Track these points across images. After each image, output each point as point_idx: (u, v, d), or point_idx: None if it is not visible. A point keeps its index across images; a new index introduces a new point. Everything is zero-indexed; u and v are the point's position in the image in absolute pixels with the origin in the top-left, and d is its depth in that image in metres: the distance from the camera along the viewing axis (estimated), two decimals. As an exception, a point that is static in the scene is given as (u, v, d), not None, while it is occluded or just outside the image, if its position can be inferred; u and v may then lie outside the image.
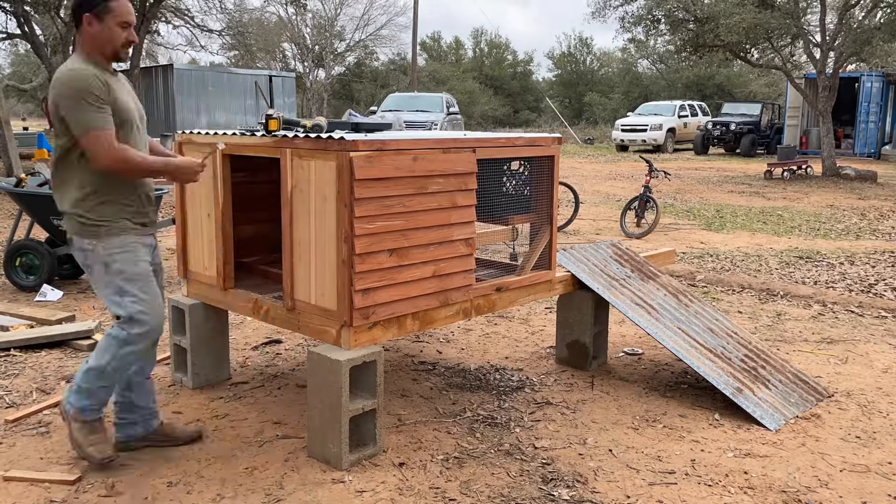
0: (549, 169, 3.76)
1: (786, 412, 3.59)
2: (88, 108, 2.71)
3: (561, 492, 2.85)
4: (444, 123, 19.87)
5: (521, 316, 5.40)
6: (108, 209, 2.86)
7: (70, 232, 2.90)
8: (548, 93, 46.98)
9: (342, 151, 2.86)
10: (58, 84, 2.74)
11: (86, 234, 2.85)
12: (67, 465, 3.01)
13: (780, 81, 33.13)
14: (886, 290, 6.18)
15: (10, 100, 30.31)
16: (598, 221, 10.29)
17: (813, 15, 18.26)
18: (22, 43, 18.46)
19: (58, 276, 6.04)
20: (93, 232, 2.85)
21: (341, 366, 2.88)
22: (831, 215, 11.14)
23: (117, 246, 2.87)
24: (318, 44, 39.97)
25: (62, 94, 2.72)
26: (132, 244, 2.90)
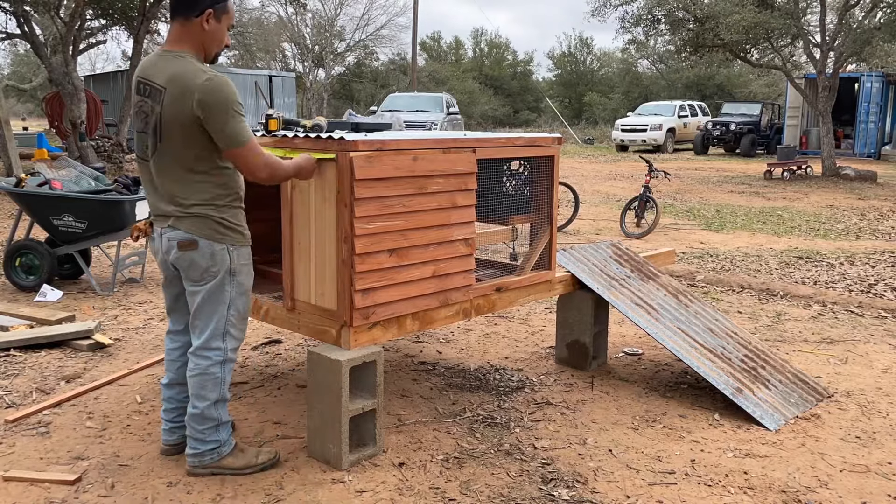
0: (548, 169, 3.76)
1: (786, 412, 3.60)
2: (239, 119, 2.62)
3: (561, 492, 2.85)
4: (443, 123, 19.87)
5: (521, 316, 5.40)
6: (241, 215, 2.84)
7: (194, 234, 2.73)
8: (548, 93, 46.97)
9: (342, 151, 2.86)
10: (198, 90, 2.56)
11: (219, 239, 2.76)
12: (67, 465, 3.01)
13: (780, 81, 33.13)
14: (886, 291, 6.18)
15: (9, 100, 30.30)
16: (598, 221, 10.29)
17: (813, 15, 18.27)
18: (22, 43, 18.46)
19: (58, 276, 6.04)
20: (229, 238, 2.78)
21: (341, 366, 2.88)
22: (831, 215, 11.14)
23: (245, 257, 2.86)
24: (318, 44, 39.97)
25: (209, 103, 2.57)
26: None
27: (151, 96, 2.68)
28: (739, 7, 16.02)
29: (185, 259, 2.76)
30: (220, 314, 2.81)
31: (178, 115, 2.61)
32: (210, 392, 2.84)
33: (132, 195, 5.91)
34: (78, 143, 14.32)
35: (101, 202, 5.71)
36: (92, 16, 16.68)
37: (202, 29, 2.69)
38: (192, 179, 2.72)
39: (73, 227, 5.74)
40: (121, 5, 15.86)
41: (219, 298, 2.80)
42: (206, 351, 2.83)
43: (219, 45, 2.77)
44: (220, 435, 2.91)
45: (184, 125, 2.62)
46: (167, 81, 2.63)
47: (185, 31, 2.69)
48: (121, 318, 5.20)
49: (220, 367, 2.85)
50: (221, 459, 2.91)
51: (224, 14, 2.74)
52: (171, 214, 2.77)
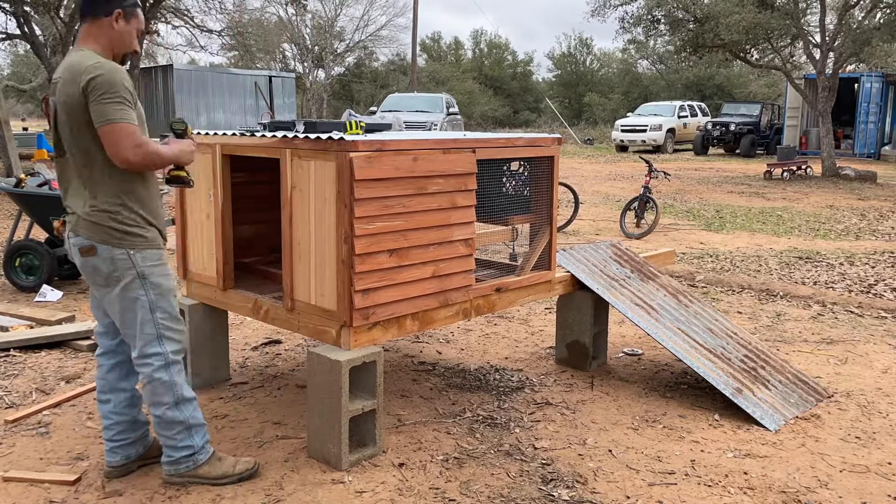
0: (548, 169, 3.76)
1: (785, 412, 3.60)
2: (117, 100, 2.54)
3: (561, 492, 2.85)
4: (443, 124, 19.87)
5: (521, 316, 5.40)
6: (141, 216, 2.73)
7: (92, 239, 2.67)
8: (548, 93, 46.98)
9: (342, 152, 2.86)
10: (85, 72, 2.53)
11: (116, 243, 2.68)
12: (67, 466, 3.01)
13: (779, 82, 33.15)
14: (886, 291, 6.18)
15: (9, 100, 30.30)
16: (598, 222, 10.29)
17: (813, 15, 18.28)
18: (21, 43, 18.45)
19: (57, 277, 6.04)
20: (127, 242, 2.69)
21: (341, 366, 2.88)
22: (831, 216, 11.14)
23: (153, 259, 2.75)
24: (317, 44, 39.98)
25: (93, 84, 2.52)
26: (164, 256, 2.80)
27: (52, 91, 2.67)
28: (739, 7, 16.02)
29: (88, 265, 2.69)
30: (145, 319, 2.72)
31: (68, 102, 2.57)
32: (163, 396, 2.76)
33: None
34: (78, 144, 14.30)
35: (101, 202, 5.70)
36: (92, 16, 16.66)
37: (111, 28, 2.68)
38: (90, 177, 2.65)
39: (73, 228, 5.73)
40: (120, 5, 15.84)
41: (138, 304, 2.71)
42: (146, 359, 2.74)
43: (126, 47, 2.74)
44: (194, 440, 2.82)
45: (73, 112, 2.57)
46: (62, 71, 2.62)
47: (94, 29, 2.68)
48: (121, 318, 5.20)
49: (164, 371, 2.75)
50: (197, 468, 2.83)
51: (133, 17, 2.72)
52: (74, 215, 2.72)
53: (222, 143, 3.40)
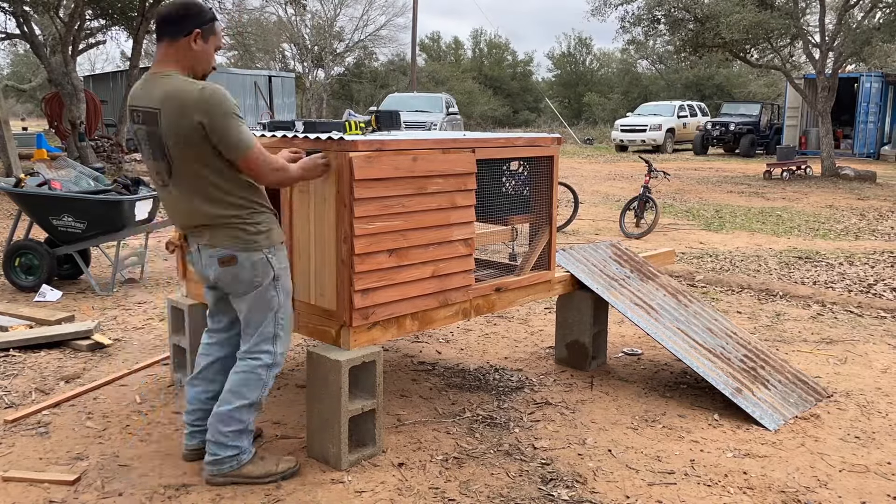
0: (548, 169, 3.76)
1: (785, 412, 3.60)
2: (240, 123, 2.58)
3: (560, 492, 2.85)
4: (443, 124, 19.88)
5: (521, 316, 5.41)
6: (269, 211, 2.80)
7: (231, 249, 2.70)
8: (547, 93, 46.98)
9: (341, 152, 2.86)
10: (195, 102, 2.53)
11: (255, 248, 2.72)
12: (67, 465, 3.01)
13: (779, 82, 33.15)
14: (885, 291, 6.18)
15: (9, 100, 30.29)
16: (598, 221, 10.29)
17: (812, 15, 18.29)
18: (21, 43, 18.45)
19: (57, 277, 6.04)
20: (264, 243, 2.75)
21: (341, 366, 2.88)
22: (830, 215, 11.14)
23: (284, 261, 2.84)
24: (317, 44, 39.98)
25: (208, 112, 2.53)
26: None
27: (146, 121, 2.62)
28: (739, 7, 16.03)
29: (228, 274, 2.74)
30: (269, 319, 2.81)
31: (179, 132, 2.55)
32: (250, 392, 2.80)
33: (131, 195, 5.91)
34: (77, 144, 14.32)
35: (101, 202, 5.71)
36: (91, 16, 16.69)
37: (190, 49, 2.64)
38: (215, 195, 2.65)
39: (73, 228, 5.74)
40: (120, 5, 15.87)
41: (268, 306, 2.80)
42: (256, 353, 2.82)
43: (207, 66, 2.71)
44: (242, 441, 2.85)
45: (188, 141, 2.56)
46: (161, 102, 2.56)
47: (173, 51, 2.64)
48: (120, 318, 5.20)
49: (266, 369, 2.83)
50: (241, 467, 2.84)
51: (212, 35, 2.69)
52: (203, 229, 2.72)
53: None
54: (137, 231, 6.03)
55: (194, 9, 2.65)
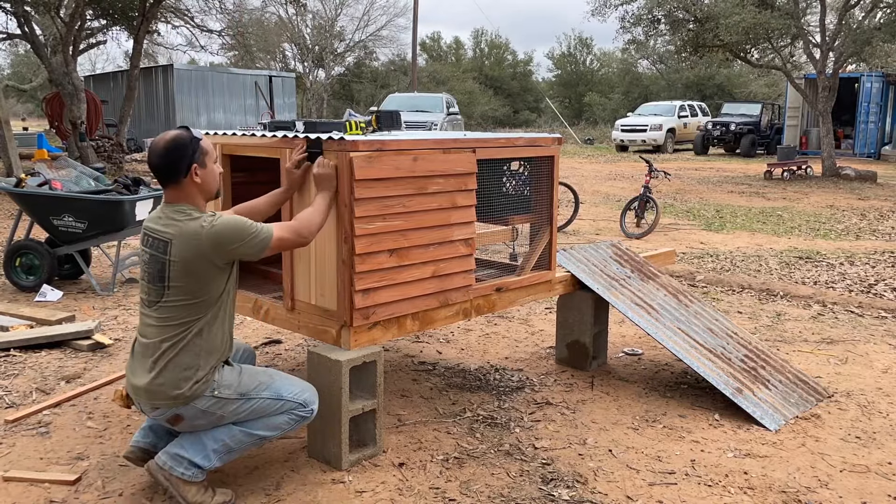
0: (548, 169, 3.76)
1: (786, 412, 3.60)
2: (255, 230, 2.63)
3: (561, 492, 2.85)
4: (444, 124, 19.88)
5: (521, 316, 5.40)
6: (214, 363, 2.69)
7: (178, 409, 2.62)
8: (548, 93, 46.98)
9: (342, 152, 2.86)
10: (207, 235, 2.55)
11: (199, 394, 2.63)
12: (67, 465, 3.01)
13: (780, 81, 33.14)
14: (886, 291, 6.18)
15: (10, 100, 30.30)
16: (598, 221, 10.29)
17: (813, 15, 18.28)
18: (22, 43, 18.46)
19: (58, 277, 6.04)
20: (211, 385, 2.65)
21: (341, 366, 2.88)
22: (831, 215, 11.14)
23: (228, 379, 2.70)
24: (317, 44, 39.98)
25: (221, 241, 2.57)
26: None
27: (155, 246, 2.62)
28: (739, 7, 16.02)
29: (184, 427, 2.68)
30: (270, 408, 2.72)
31: (188, 264, 2.56)
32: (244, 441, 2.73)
33: (132, 195, 5.91)
34: (78, 144, 14.32)
35: (101, 202, 5.71)
36: (92, 16, 16.69)
37: (195, 184, 2.65)
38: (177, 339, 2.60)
39: (73, 228, 5.74)
40: (121, 5, 15.87)
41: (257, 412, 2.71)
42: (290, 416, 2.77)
43: (215, 185, 2.71)
44: (212, 461, 2.69)
45: (194, 270, 2.57)
46: (173, 236, 2.58)
47: (182, 192, 2.65)
48: (121, 318, 5.20)
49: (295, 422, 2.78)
50: (186, 482, 2.65)
51: (204, 155, 2.66)
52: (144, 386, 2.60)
53: (223, 143, 3.40)
54: (138, 231, 6.03)
55: (178, 149, 2.61)
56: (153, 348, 2.62)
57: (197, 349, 2.62)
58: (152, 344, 2.63)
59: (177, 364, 2.60)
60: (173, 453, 2.68)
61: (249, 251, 2.64)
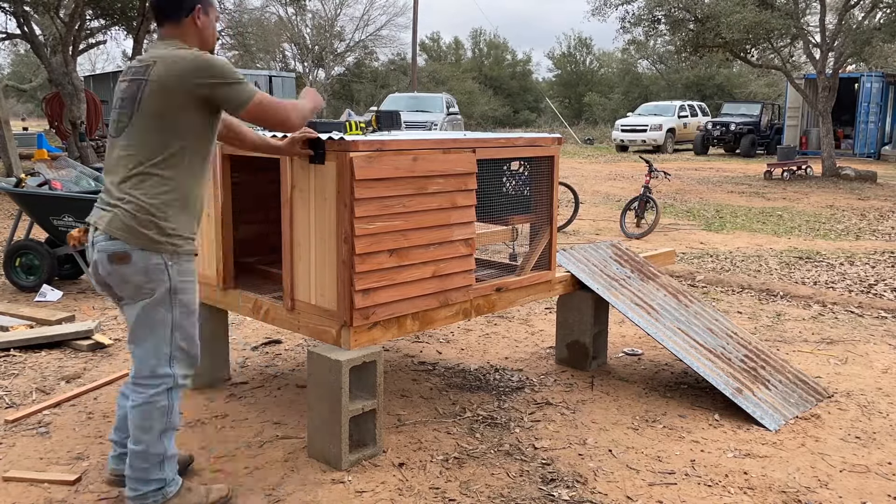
0: (548, 169, 3.76)
1: (786, 412, 3.60)
2: (243, 80, 2.49)
3: (561, 492, 2.85)
4: (443, 124, 19.88)
5: (521, 316, 5.40)
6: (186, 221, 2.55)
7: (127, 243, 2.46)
8: (547, 93, 46.97)
9: (342, 152, 2.86)
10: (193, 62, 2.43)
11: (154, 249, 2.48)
12: (67, 465, 3.01)
13: (780, 81, 33.13)
14: (886, 291, 6.18)
15: (9, 100, 30.30)
16: (598, 222, 10.29)
17: (813, 15, 18.27)
18: (22, 43, 18.46)
19: (58, 277, 6.04)
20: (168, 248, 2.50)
21: (341, 366, 2.88)
22: (831, 216, 11.14)
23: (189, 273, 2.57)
24: (317, 44, 39.99)
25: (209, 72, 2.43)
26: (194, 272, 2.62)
27: (137, 72, 2.50)
28: (740, 7, 16.02)
29: (117, 274, 2.48)
30: (161, 338, 2.53)
31: (164, 84, 2.44)
32: (156, 422, 2.54)
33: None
34: (78, 144, 14.32)
35: (101, 202, 5.71)
36: (92, 16, 16.69)
37: (195, 26, 2.59)
38: (149, 170, 2.47)
39: (73, 228, 5.74)
40: (120, 5, 15.87)
41: (158, 320, 2.52)
42: (151, 379, 2.54)
43: (213, 39, 2.67)
44: (165, 472, 2.59)
45: (171, 94, 2.44)
46: (158, 57, 2.48)
47: (178, 31, 2.58)
48: (121, 318, 5.20)
49: (166, 394, 2.55)
50: (167, 501, 2.59)
51: (210, 7, 2.64)
52: (108, 209, 2.50)
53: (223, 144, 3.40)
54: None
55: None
56: (121, 177, 2.48)
57: (166, 194, 2.48)
58: (120, 175, 2.49)
59: (144, 200, 2.45)
60: (132, 496, 2.58)
61: (231, 96, 2.48)
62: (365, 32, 41.46)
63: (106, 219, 2.48)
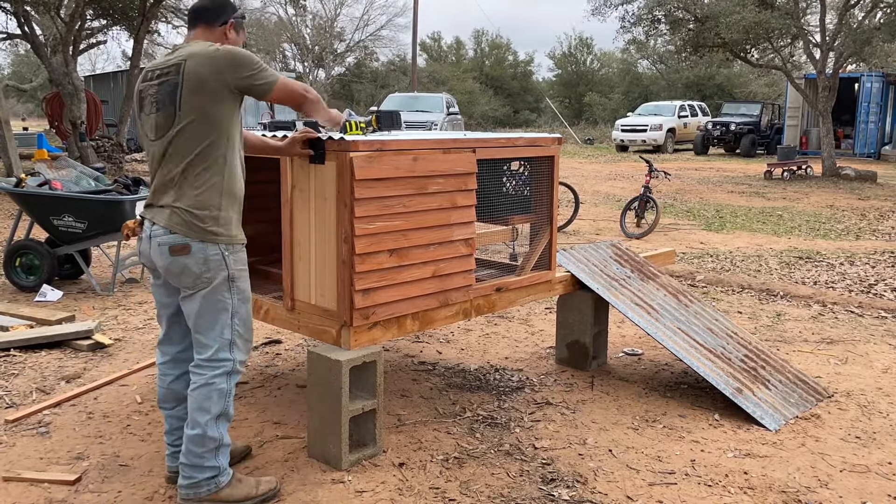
0: (549, 169, 3.76)
1: (786, 412, 3.60)
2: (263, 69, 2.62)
3: (561, 492, 2.85)
4: (444, 124, 19.88)
5: (521, 316, 5.40)
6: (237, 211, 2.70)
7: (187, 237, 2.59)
8: (548, 93, 46.95)
9: (342, 152, 2.86)
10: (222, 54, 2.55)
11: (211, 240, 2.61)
12: (67, 465, 3.01)
13: (780, 81, 33.12)
14: (886, 291, 6.18)
15: (10, 100, 30.30)
16: (598, 221, 10.29)
17: (813, 15, 18.27)
18: (22, 43, 18.46)
19: (58, 277, 6.04)
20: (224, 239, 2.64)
21: (341, 366, 2.88)
22: (831, 215, 11.14)
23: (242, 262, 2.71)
24: (317, 44, 40.00)
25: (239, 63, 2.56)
26: None
27: (165, 74, 2.59)
28: (739, 7, 16.02)
29: (177, 265, 2.60)
30: (222, 324, 2.65)
31: (206, 79, 2.53)
32: (214, 404, 2.64)
33: (132, 195, 5.91)
34: (78, 144, 14.32)
35: (101, 202, 5.71)
36: (92, 16, 16.69)
37: (225, 37, 2.73)
38: (199, 165, 2.58)
39: (73, 228, 5.74)
40: (121, 5, 15.86)
41: (219, 307, 2.64)
42: (211, 363, 2.65)
43: None
44: (220, 460, 2.68)
45: (208, 88, 2.54)
46: (188, 55, 2.57)
47: (209, 35, 2.71)
48: (121, 318, 5.20)
49: (225, 378, 2.66)
50: (219, 491, 2.68)
51: (241, 30, 2.81)
52: (165, 206, 2.62)
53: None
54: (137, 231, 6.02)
55: (226, 4, 2.77)
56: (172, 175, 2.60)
57: (216, 185, 2.61)
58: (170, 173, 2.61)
59: (197, 194, 2.59)
60: (186, 483, 2.66)
61: (259, 82, 2.60)
62: (365, 33, 41.50)
63: (165, 214, 2.62)
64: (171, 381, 2.83)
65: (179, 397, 2.82)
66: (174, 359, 2.83)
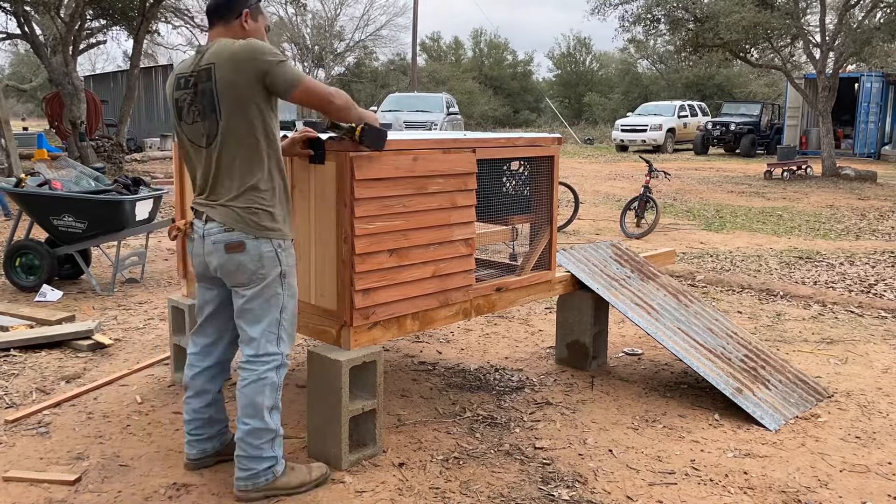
0: (548, 169, 3.76)
1: (786, 412, 3.60)
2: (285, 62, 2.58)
3: (561, 492, 2.85)
4: (444, 123, 19.88)
5: (521, 316, 5.40)
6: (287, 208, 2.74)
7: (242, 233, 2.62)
8: (548, 93, 46.97)
9: (342, 152, 2.86)
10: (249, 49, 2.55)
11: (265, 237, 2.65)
12: (67, 465, 3.01)
13: (780, 81, 33.13)
14: (886, 291, 6.18)
15: (10, 100, 30.30)
16: (598, 221, 10.29)
17: (813, 15, 18.27)
18: (22, 43, 18.47)
19: (58, 277, 6.04)
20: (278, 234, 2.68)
21: (341, 366, 2.88)
22: (831, 215, 11.14)
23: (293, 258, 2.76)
24: (317, 44, 40.00)
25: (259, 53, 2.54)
26: None
27: (197, 80, 2.61)
28: (739, 7, 16.02)
29: (232, 262, 2.64)
30: (272, 318, 2.70)
31: (236, 81, 2.54)
32: (266, 399, 2.69)
33: (132, 195, 5.91)
34: (78, 143, 14.33)
35: (101, 202, 5.71)
36: (92, 16, 16.70)
37: (243, 29, 2.70)
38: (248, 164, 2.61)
39: (73, 228, 5.74)
40: (121, 5, 15.87)
41: (271, 303, 2.69)
42: (262, 357, 2.70)
43: None
44: (276, 450, 2.75)
45: (245, 90, 2.55)
46: (213, 58, 2.58)
47: (226, 33, 2.69)
48: (121, 318, 5.20)
49: (275, 371, 2.72)
50: (276, 479, 2.74)
51: (260, 14, 2.76)
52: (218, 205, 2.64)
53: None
54: (138, 231, 6.03)
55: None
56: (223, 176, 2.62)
57: (271, 185, 2.65)
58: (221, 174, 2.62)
59: (250, 193, 2.61)
60: (244, 475, 2.71)
61: (283, 76, 2.56)
62: (365, 32, 41.51)
63: (220, 212, 2.64)
64: (195, 373, 2.92)
65: (199, 391, 2.91)
66: (202, 350, 2.93)
